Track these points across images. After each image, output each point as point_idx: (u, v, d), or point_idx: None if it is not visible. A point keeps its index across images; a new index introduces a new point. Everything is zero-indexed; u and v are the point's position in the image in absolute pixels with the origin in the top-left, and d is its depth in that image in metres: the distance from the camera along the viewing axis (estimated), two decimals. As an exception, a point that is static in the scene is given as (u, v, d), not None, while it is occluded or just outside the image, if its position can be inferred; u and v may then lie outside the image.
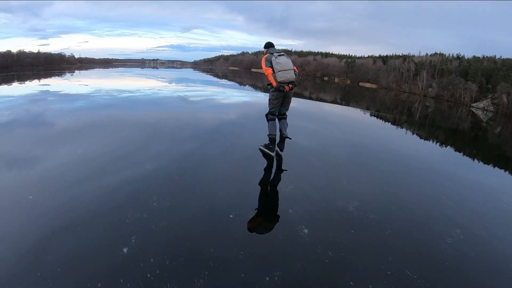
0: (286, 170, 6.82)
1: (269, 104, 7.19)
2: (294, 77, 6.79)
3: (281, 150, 7.38)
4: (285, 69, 6.65)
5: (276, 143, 7.40)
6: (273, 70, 6.69)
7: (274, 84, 6.70)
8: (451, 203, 5.97)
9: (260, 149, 7.62)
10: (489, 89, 54.27)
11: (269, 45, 7.33)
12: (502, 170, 10.33)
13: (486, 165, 10.60)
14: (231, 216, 4.53)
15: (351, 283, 3.42)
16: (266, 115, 7.26)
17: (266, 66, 6.82)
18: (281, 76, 6.62)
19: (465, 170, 9.19)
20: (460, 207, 5.84)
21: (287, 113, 7.46)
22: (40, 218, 4.14)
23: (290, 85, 6.75)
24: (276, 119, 7.30)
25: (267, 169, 6.64)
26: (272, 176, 6.46)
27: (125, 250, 3.55)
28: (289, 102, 7.35)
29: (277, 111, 7.22)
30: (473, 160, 10.84)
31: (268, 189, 5.92)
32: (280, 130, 7.25)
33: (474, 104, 52.91)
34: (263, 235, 4.27)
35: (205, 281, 3.22)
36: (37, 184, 5.21)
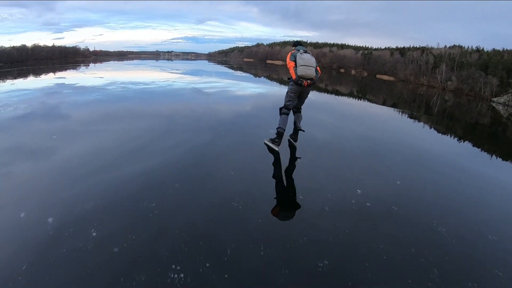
0: (300, 158, 7.08)
1: (285, 97, 7.36)
2: (314, 75, 6.97)
3: (295, 141, 7.72)
4: (307, 65, 6.86)
5: (290, 134, 7.80)
6: (295, 64, 6.92)
7: (294, 76, 6.91)
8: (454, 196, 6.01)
9: (265, 143, 7.71)
10: (510, 84, 53.40)
11: (297, 43, 7.59)
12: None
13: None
14: (251, 206, 4.63)
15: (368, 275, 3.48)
16: (280, 108, 7.41)
17: (290, 60, 7.05)
18: (302, 71, 6.81)
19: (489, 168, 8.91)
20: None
21: (301, 107, 7.70)
22: (59, 207, 4.24)
23: (308, 81, 6.93)
24: (290, 114, 7.45)
25: (283, 160, 6.72)
26: (287, 166, 6.56)
27: (143, 237, 3.66)
28: (305, 97, 7.59)
29: (293, 105, 7.39)
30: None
31: (285, 178, 5.98)
32: (295, 123, 7.60)
33: (495, 99, 51.81)
34: (284, 223, 4.37)
35: (223, 272, 3.28)
36: (57, 174, 5.35)
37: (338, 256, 3.69)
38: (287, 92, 7.32)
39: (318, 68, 7.16)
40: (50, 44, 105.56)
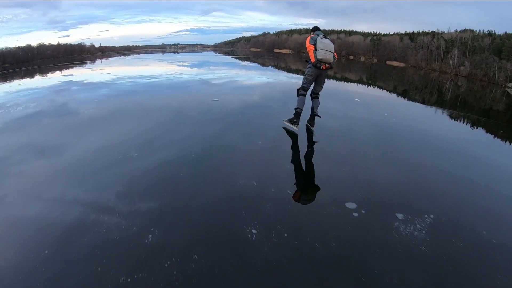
0: (317, 142, 7.41)
1: (303, 79, 7.76)
2: (332, 60, 7.32)
3: (312, 126, 8.05)
4: (326, 49, 7.24)
5: (307, 120, 8.11)
6: (315, 47, 7.26)
7: (313, 59, 7.25)
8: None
9: (284, 123, 8.10)
10: (525, 69, 52.38)
11: (316, 29, 7.91)
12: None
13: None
14: (272, 190, 4.85)
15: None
16: (298, 89, 7.84)
17: (310, 43, 7.42)
18: (321, 54, 7.18)
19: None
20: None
21: (319, 92, 8.01)
22: (79, 200, 4.44)
23: (327, 65, 7.29)
24: (307, 95, 7.90)
25: (295, 147, 6.94)
26: (304, 152, 6.80)
27: (157, 229, 3.82)
28: (323, 81, 7.93)
29: (309, 87, 7.80)
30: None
31: (303, 164, 6.21)
32: (312, 108, 7.96)
33: (510, 84, 51.17)
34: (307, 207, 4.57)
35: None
36: (72, 168, 5.58)
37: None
38: (305, 75, 7.72)
39: (335, 53, 7.49)
40: (56, 43, 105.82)
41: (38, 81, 21.46)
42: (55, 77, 23.88)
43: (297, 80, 20.46)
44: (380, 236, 3.92)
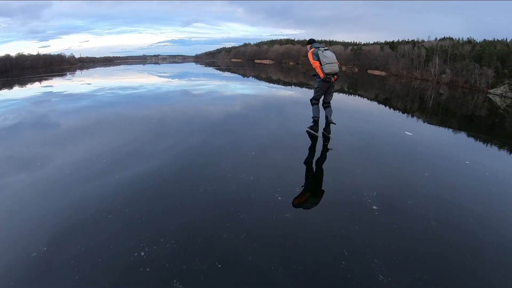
0: (332, 149, 7.66)
1: (314, 92, 8.25)
2: (338, 70, 7.81)
3: (328, 134, 8.39)
4: (331, 62, 7.69)
5: (323, 128, 8.50)
6: (320, 63, 7.66)
7: (322, 75, 7.73)
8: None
9: (307, 131, 8.59)
10: (506, 74, 53.28)
11: (312, 41, 8.38)
12: None
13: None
14: (278, 197, 4.90)
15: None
16: (311, 100, 8.40)
17: (313, 60, 7.81)
18: (328, 68, 7.65)
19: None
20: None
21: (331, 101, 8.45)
22: (54, 216, 4.35)
23: (335, 76, 7.78)
24: (320, 104, 8.41)
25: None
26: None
27: (142, 244, 3.75)
28: (332, 92, 8.40)
29: (321, 97, 8.28)
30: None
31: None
32: (326, 117, 8.31)
33: (491, 90, 51.60)
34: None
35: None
36: (50, 183, 5.48)
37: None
38: (316, 88, 8.18)
39: (337, 61, 7.92)
40: (35, 53, 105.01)
41: (17, 92, 21.33)
42: (35, 88, 23.60)
43: (278, 90, 20.85)
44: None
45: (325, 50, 7.83)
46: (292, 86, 25.43)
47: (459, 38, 68.84)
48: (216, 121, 10.09)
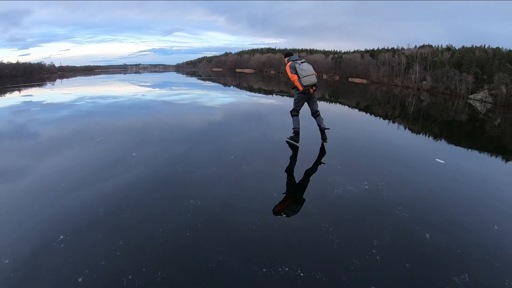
0: (324, 163, 7.50)
1: (294, 103, 8.44)
2: (316, 80, 8.09)
3: (325, 141, 8.70)
4: (309, 74, 7.96)
5: (321, 136, 8.72)
6: (298, 76, 7.93)
7: (301, 88, 8.01)
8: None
9: (287, 141, 8.65)
10: (485, 80, 54.09)
11: (289, 54, 8.62)
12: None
13: None
14: (236, 214, 4.89)
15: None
16: (291, 111, 8.53)
17: (291, 73, 8.09)
18: (306, 81, 7.93)
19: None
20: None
21: (318, 109, 8.66)
22: (34, 228, 4.28)
23: (313, 88, 8.10)
24: (299, 115, 8.52)
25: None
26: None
27: (121, 253, 3.74)
28: (315, 101, 8.61)
29: (300, 108, 8.45)
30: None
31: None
32: (319, 125, 8.60)
33: (471, 96, 52.39)
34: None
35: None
36: (29, 194, 5.36)
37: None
38: (295, 100, 8.41)
39: (315, 72, 8.20)
40: (15, 61, 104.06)
41: (-3, 101, 21.08)
42: (14, 97, 23.54)
43: (259, 98, 20.93)
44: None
45: (302, 63, 8.09)
46: (273, 95, 25.48)
47: (438, 45, 69.85)
48: (198, 130, 10.16)
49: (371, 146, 9.48)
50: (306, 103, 8.56)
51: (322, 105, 20.77)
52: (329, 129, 8.63)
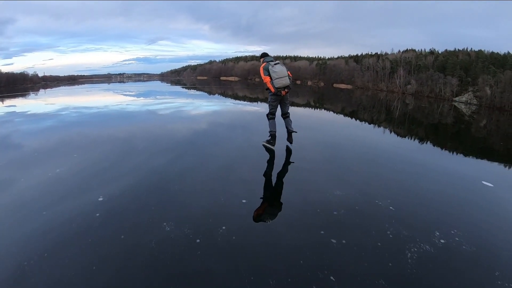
0: (294, 162, 7.91)
1: (269, 106, 8.52)
2: (289, 82, 8.14)
3: (291, 143, 8.87)
4: (281, 77, 8.01)
5: (286, 138, 8.86)
6: (270, 77, 8.01)
7: (273, 90, 8.09)
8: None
9: (263, 145, 8.76)
10: (469, 82, 54.53)
11: (265, 55, 8.76)
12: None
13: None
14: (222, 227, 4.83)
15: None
16: (267, 115, 8.60)
17: (264, 75, 8.17)
18: (278, 83, 7.98)
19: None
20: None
21: (288, 111, 8.79)
22: (18, 242, 4.21)
23: (285, 90, 8.15)
24: (275, 118, 8.60)
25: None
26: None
27: (113, 267, 3.70)
28: (287, 103, 8.73)
29: (276, 111, 8.54)
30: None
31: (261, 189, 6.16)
32: (287, 127, 8.72)
33: (456, 98, 52.91)
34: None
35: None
36: (12, 207, 5.29)
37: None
38: (269, 102, 8.48)
39: (289, 73, 8.25)
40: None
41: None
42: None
43: (244, 106, 21.06)
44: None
45: (275, 64, 8.11)
46: (258, 102, 25.51)
47: (421, 50, 70.43)
48: (183, 139, 10.18)
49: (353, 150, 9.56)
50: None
51: (308, 112, 20.95)
52: (296, 132, 8.76)
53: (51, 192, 5.92)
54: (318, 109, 24.56)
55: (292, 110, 9.04)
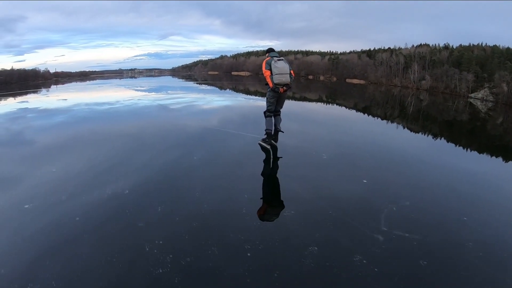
0: (282, 157, 7.92)
1: (267, 103, 8.41)
2: (289, 81, 8.00)
3: (276, 142, 8.71)
4: (282, 73, 7.85)
5: (271, 135, 8.60)
6: (271, 72, 7.88)
7: (271, 85, 7.94)
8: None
9: (260, 144, 8.69)
10: (485, 78, 53.75)
11: (270, 50, 8.60)
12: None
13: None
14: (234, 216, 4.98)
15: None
16: (264, 112, 8.51)
17: (265, 69, 8.05)
18: (277, 79, 7.84)
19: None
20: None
21: (281, 110, 8.72)
22: (33, 236, 4.32)
23: (284, 87, 7.99)
24: (272, 116, 8.52)
25: (254, 174, 6.84)
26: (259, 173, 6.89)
27: (124, 260, 3.78)
28: (283, 102, 8.68)
29: (273, 109, 8.42)
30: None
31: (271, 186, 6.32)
32: (275, 125, 8.59)
33: (472, 95, 51.77)
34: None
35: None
36: (26, 202, 5.33)
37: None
38: (267, 98, 8.39)
39: (292, 71, 8.12)
40: (10, 68, 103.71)
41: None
42: (9, 104, 23.74)
43: (254, 101, 21.00)
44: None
45: (278, 60, 8.02)
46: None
47: (435, 44, 69.50)
48: (193, 135, 10.23)
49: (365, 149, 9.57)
50: None
51: (320, 107, 20.85)
52: (283, 132, 8.73)
53: (64, 186, 6.00)
54: (336, 106, 24.43)
55: (305, 105, 8.98)
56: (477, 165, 9.05)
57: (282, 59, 8.08)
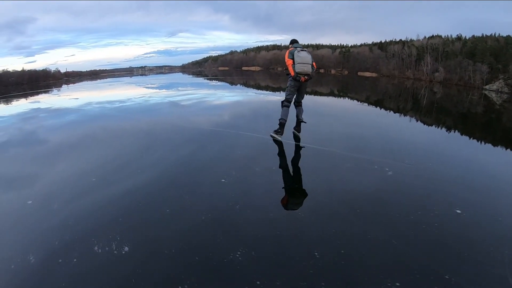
0: (304, 147, 8.05)
1: (286, 93, 8.59)
2: (311, 71, 8.21)
3: (298, 132, 8.92)
4: (304, 62, 8.05)
5: (294, 127, 8.95)
6: (293, 61, 8.04)
7: (292, 73, 8.11)
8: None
9: (271, 135, 8.76)
10: (500, 69, 53.12)
11: (294, 41, 8.85)
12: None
13: None
14: (248, 208, 5.09)
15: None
16: (282, 101, 8.60)
17: (288, 58, 8.23)
18: (299, 68, 8.02)
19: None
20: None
21: (302, 100, 8.89)
22: (46, 232, 4.43)
23: (305, 77, 8.14)
24: (291, 106, 8.63)
25: (269, 167, 6.90)
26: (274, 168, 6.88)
27: (139, 255, 3.83)
28: (304, 92, 8.86)
29: (293, 98, 8.58)
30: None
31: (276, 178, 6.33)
32: (297, 116, 8.82)
33: (487, 86, 50.76)
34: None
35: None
36: (41, 199, 5.52)
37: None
38: (287, 87, 8.54)
39: (314, 63, 8.35)
40: (20, 69, 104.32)
41: (5, 109, 21.48)
42: (22, 104, 24.09)
43: (266, 96, 21.22)
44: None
45: (301, 50, 8.20)
46: (281, 92, 25.21)
47: (448, 35, 68.80)
48: (205, 131, 10.27)
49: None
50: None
51: (333, 101, 20.85)
52: (305, 122, 8.90)
53: (83, 181, 6.18)
54: (343, 98, 24.28)
55: (316, 99, 9.04)
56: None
57: (305, 50, 8.31)
